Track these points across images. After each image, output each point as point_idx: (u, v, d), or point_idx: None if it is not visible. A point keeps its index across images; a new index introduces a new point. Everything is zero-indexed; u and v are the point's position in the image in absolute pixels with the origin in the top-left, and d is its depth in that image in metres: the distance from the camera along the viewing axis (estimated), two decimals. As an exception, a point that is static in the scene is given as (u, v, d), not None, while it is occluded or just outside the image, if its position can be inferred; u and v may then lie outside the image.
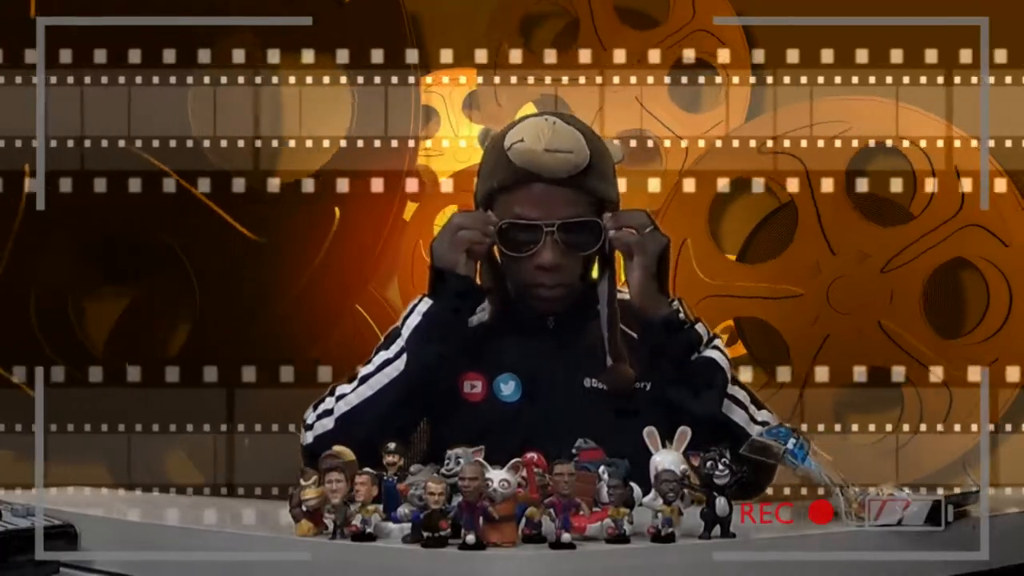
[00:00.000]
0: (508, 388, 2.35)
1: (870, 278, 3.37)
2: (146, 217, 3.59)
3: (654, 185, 3.48)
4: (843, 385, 3.36)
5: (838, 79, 3.38)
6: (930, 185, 3.35)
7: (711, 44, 3.51)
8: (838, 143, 3.38)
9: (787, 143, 3.40)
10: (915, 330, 3.35)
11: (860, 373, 3.35)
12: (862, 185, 3.40)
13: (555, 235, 2.31)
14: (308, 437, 2.36)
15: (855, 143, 3.39)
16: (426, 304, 2.35)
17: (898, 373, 3.33)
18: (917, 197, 3.38)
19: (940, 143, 3.35)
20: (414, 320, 2.35)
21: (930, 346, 3.35)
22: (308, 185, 3.57)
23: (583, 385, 2.35)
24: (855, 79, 3.37)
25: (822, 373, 3.35)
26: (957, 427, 3.29)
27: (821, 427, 3.33)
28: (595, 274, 2.40)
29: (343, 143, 3.58)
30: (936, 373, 3.32)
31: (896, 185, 3.39)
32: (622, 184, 2.44)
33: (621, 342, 2.34)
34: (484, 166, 2.40)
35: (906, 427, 3.34)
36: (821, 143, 3.38)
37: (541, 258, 2.32)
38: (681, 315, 2.35)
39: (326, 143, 3.58)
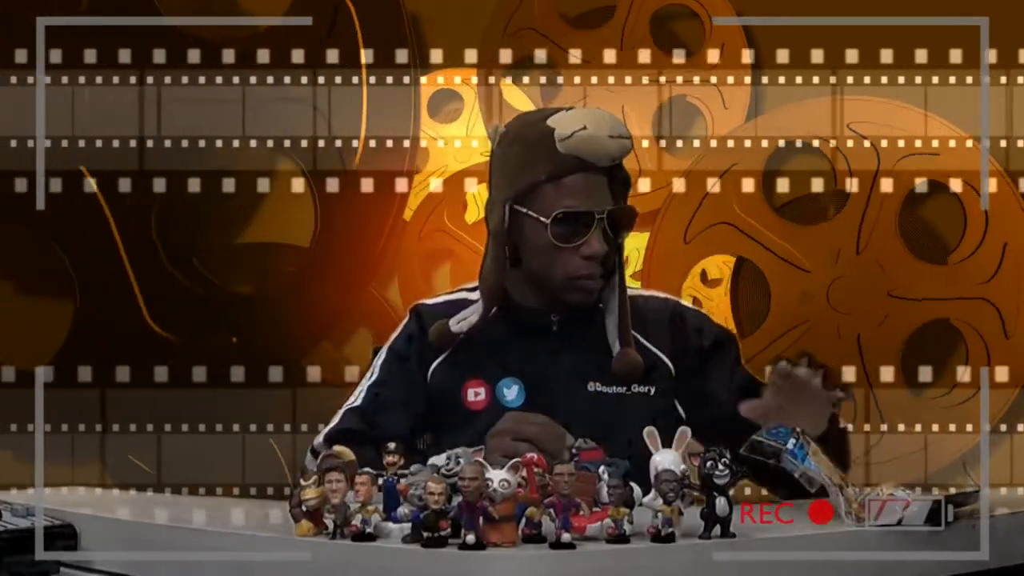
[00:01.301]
0: (511, 393, 2.33)
1: (854, 267, 3.33)
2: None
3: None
4: (912, 382, 3.32)
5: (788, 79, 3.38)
6: (843, 162, 3.32)
7: None
8: (758, 141, 3.37)
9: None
10: (923, 277, 3.29)
11: (913, 346, 3.30)
12: (782, 185, 3.38)
13: (604, 223, 2.29)
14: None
15: (764, 143, 3.37)
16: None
17: (924, 374, 3.31)
18: (840, 173, 3.34)
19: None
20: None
21: (942, 281, 3.28)
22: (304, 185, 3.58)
23: (587, 389, 2.34)
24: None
25: (885, 372, 3.32)
26: (969, 427, 3.26)
27: (937, 429, 3.28)
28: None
29: (353, 143, 3.57)
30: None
31: (817, 181, 3.37)
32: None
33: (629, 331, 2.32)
34: (512, 160, 2.33)
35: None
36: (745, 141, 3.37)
37: (591, 247, 2.28)
38: None
39: (338, 143, 3.57)
